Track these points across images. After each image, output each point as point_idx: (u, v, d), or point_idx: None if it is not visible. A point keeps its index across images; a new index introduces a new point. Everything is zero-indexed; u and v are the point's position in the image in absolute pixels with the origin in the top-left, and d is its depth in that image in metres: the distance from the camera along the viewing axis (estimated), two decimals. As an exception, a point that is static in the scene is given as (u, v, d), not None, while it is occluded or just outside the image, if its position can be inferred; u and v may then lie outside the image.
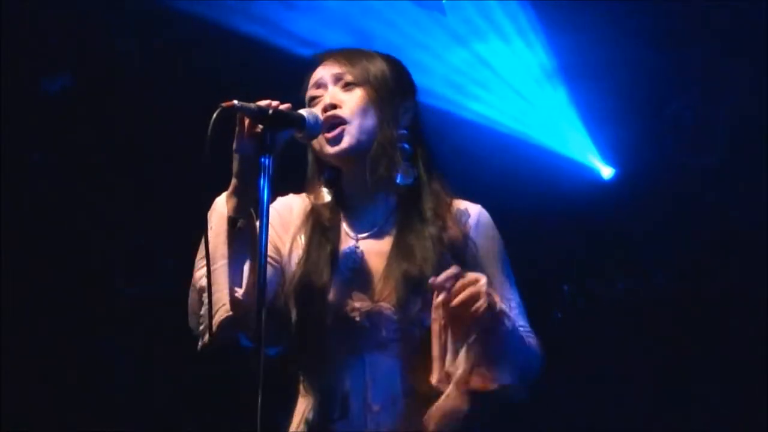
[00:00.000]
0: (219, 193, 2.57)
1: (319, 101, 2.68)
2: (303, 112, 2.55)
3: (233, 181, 2.51)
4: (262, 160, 2.42)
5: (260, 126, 2.46)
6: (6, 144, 5.06)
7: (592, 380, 5.14)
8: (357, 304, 2.58)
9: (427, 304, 2.51)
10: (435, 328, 2.48)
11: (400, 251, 2.61)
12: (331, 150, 2.64)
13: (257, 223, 2.43)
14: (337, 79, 2.69)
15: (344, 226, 2.69)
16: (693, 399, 5.10)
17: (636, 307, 5.26)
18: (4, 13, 4.83)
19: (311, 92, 2.71)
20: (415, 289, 2.55)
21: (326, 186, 2.73)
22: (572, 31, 5.08)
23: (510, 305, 2.60)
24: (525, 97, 5.29)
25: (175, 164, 4.96)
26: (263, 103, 2.47)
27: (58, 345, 5.25)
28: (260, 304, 2.36)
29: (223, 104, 2.41)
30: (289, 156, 2.56)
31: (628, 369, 5.18)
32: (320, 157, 2.70)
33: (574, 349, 5.00)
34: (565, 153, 5.36)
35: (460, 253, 2.62)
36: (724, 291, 5.14)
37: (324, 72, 2.71)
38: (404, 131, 2.69)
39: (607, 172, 5.39)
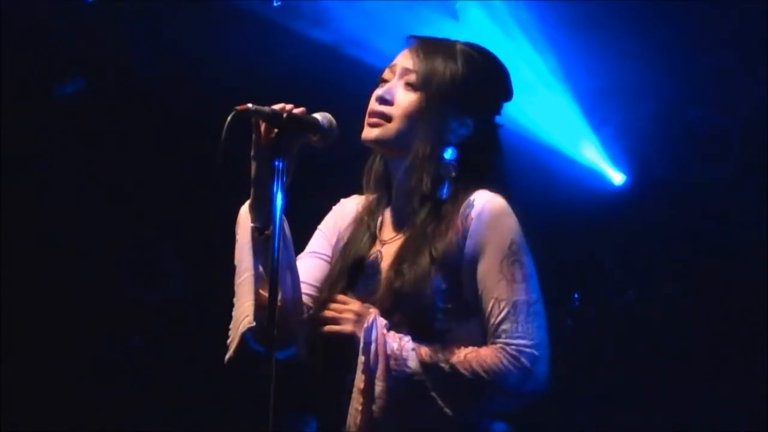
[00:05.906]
0: (236, 197, 2.56)
1: (383, 85, 2.61)
2: (317, 115, 2.53)
3: (252, 190, 2.51)
4: (275, 163, 2.42)
5: (275, 130, 2.45)
6: (17, 147, 5.06)
7: (601, 387, 5.13)
8: None
9: (410, 320, 2.45)
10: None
11: (395, 263, 2.52)
12: (363, 135, 2.58)
13: (287, 230, 2.45)
14: (404, 74, 2.59)
15: (383, 228, 2.64)
16: (701, 404, 5.08)
17: (646, 315, 5.25)
18: (15, 16, 4.83)
19: (385, 72, 2.62)
20: (397, 305, 2.47)
21: (375, 181, 2.66)
22: (586, 38, 5.07)
23: (498, 306, 2.41)
24: (536, 102, 5.27)
25: (189, 169, 4.96)
26: (278, 106, 2.47)
27: (62, 348, 5.24)
28: (272, 310, 2.36)
29: (238, 107, 2.41)
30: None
31: (639, 377, 5.17)
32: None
33: (584, 356, 4.99)
34: (576, 159, 5.34)
35: (451, 268, 2.47)
36: (735, 300, 5.12)
37: (401, 60, 2.61)
38: (449, 148, 2.55)
39: (618, 178, 5.37)
